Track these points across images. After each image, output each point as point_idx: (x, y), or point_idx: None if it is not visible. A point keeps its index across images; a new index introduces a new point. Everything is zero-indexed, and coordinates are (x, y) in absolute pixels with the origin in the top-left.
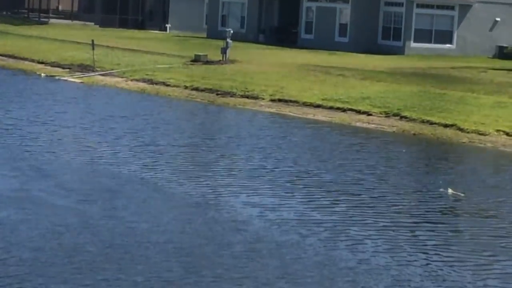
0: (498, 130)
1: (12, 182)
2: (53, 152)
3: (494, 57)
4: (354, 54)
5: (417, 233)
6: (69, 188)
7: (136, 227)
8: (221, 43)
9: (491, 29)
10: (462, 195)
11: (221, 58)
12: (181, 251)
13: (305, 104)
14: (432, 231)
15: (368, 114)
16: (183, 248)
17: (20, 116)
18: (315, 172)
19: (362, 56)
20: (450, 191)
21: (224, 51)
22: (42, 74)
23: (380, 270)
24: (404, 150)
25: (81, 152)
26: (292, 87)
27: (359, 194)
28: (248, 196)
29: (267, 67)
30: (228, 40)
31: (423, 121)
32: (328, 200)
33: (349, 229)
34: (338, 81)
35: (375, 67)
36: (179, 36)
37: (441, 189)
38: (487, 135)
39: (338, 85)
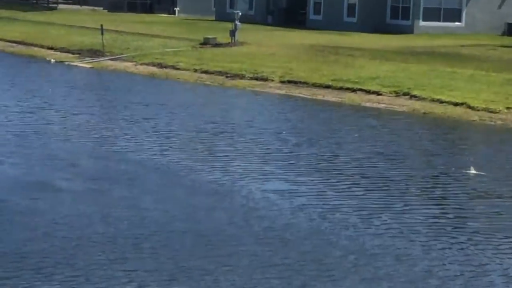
0: (508, 108)
1: (19, 170)
2: (68, 139)
3: (503, 34)
4: (363, 34)
5: (446, 217)
6: (89, 175)
7: (160, 216)
8: (229, 25)
9: (499, 7)
10: (485, 174)
11: (230, 41)
12: (216, 241)
13: (314, 85)
14: (464, 214)
15: (378, 94)
16: (215, 237)
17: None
18: (330, 154)
19: (371, 36)
20: (473, 171)
21: (232, 33)
22: (52, 60)
23: (410, 257)
24: (417, 131)
25: (96, 138)
26: (301, 69)
27: (375, 177)
28: (271, 181)
29: (276, 49)
30: (237, 22)
31: (433, 100)
32: (344, 183)
33: (370, 213)
34: (347, 61)
35: (384, 47)
36: (188, 20)
37: (464, 170)
38: (497, 112)
39: (348, 66)
